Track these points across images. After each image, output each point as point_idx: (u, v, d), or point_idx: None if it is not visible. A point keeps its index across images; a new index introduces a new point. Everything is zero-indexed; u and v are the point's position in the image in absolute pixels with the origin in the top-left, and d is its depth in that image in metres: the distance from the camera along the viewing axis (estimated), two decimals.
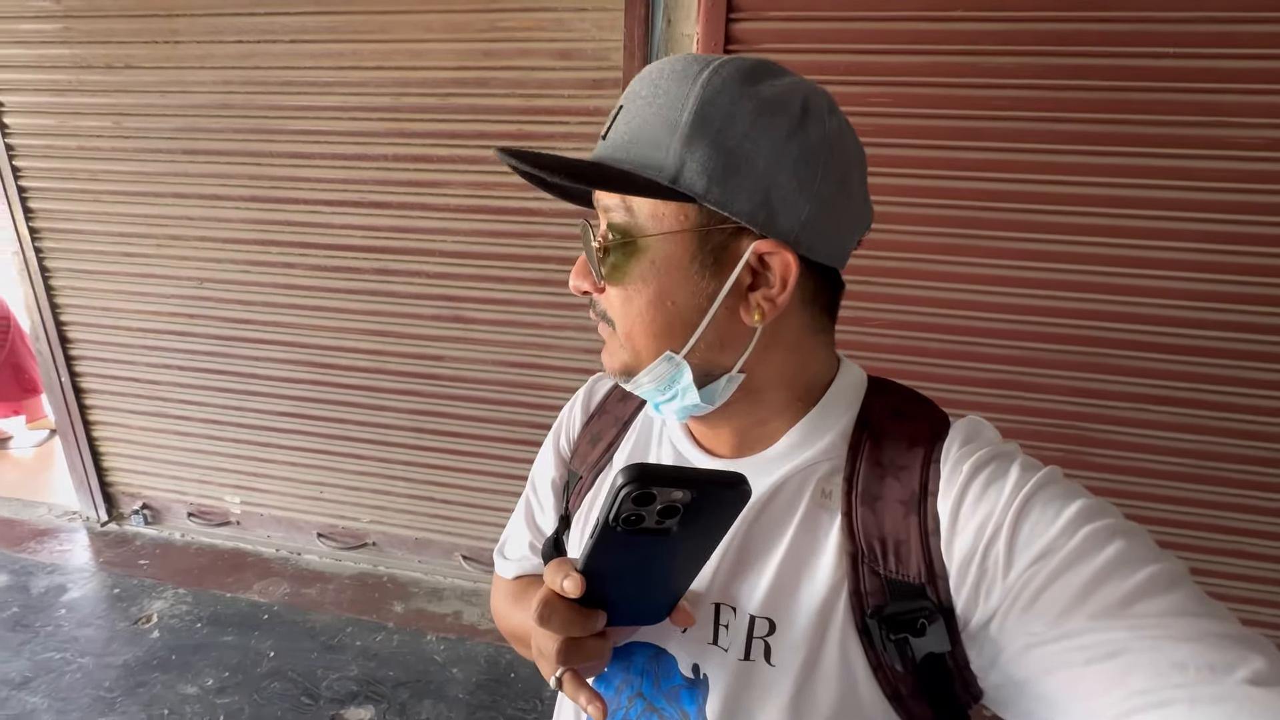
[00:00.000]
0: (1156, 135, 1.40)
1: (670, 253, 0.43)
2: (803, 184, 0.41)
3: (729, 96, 0.40)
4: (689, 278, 0.43)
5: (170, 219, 2.08)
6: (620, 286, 0.45)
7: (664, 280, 0.43)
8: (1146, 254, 1.47)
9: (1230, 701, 0.30)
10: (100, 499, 2.49)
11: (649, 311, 0.44)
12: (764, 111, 0.41)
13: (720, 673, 0.46)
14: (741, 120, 0.40)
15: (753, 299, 0.43)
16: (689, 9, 1.57)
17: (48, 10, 1.94)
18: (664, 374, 0.46)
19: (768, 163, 0.40)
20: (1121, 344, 1.54)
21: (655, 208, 0.42)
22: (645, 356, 0.46)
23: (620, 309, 0.45)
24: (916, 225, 1.55)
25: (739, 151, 0.40)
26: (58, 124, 2.06)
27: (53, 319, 2.29)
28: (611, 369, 0.49)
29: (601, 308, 0.47)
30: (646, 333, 0.45)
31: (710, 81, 0.41)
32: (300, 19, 1.78)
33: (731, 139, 0.40)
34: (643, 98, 0.42)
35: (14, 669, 1.82)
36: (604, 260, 0.44)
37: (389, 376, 2.08)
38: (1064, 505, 0.39)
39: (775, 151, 0.40)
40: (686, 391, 0.45)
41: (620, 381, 0.49)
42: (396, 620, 2.05)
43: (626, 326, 0.45)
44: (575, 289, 0.48)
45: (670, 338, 0.44)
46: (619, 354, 0.48)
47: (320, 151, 1.89)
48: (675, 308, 0.44)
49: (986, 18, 1.39)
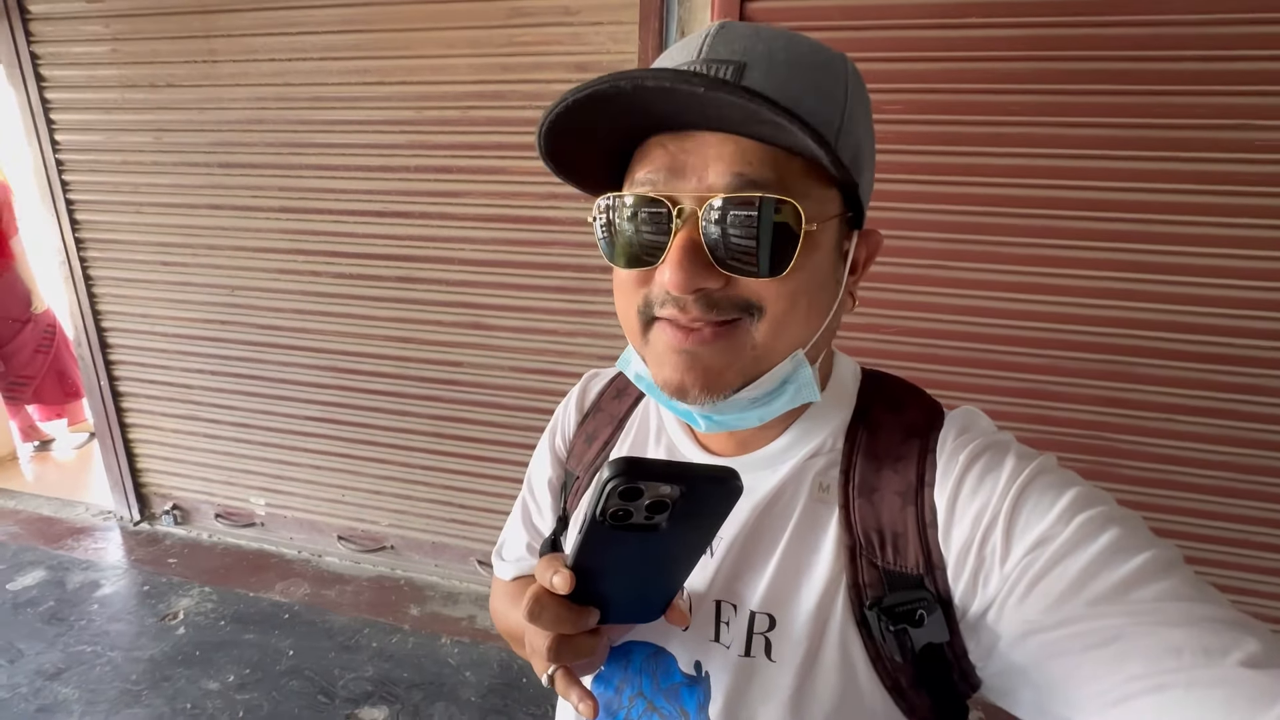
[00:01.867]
0: (1181, 139, 1.37)
1: (826, 240, 0.40)
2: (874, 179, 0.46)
3: (863, 92, 0.42)
4: (834, 267, 0.42)
5: (206, 229, 2.17)
6: (782, 278, 0.39)
7: (821, 270, 0.41)
8: (1174, 260, 1.43)
9: (1226, 684, 0.30)
10: (134, 499, 2.58)
11: (807, 304, 0.40)
12: (869, 111, 0.44)
13: (722, 670, 0.46)
14: (868, 116, 0.43)
15: (849, 285, 0.45)
16: (703, 22, 1.59)
17: (97, 34, 2.06)
18: (781, 375, 0.42)
19: (872, 158, 0.44)
20: (1150, 352, 1.49)
21: (816, 189, 0.39)
22: (781, 354, 0.41)
23: (781, 300, 0.39)
24: (936, 232, 1.53)
25: (869, 144, 0.43)
26: (104, 140, 2.17)
27: (94, 326, 2.39)
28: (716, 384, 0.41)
29: (735, 299, 0.39)
30: (798, 327, 0.41)
31: (852, 71, 0.41)
32: (328, 38, 1.86)
33: (869, 132, 0.43)
34: (784, 64, 0.37)
35: (48, 660, 1.88)
36: (769, 249, 0.37)
37: (410, 382, 2.12)
38: (1059, 493, 0.39)
39: (873, 149, 0.45)
40: (803, 389, 0.43)
41: (712, 397, 0.41)
42: (412, 623, 2.07)
43: (782, 319, 0.40)
44: (686, 286, 0.38)
45: (809, 332, 0.42)
46: (744, 359, 0.41)
47: (346, 164, 1.96)
48: (823, 299, 0.42)
49: (1001, 23, 1.38)
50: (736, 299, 0.39)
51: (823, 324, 0.43)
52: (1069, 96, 1.39)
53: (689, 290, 0.38)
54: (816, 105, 0.37)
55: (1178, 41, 1.33)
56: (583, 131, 0.41)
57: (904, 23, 1.44)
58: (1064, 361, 1.54)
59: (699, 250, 0.38)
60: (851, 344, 1.63)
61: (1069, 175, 1.43)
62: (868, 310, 1.62)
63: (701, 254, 0.38)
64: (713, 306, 0.39)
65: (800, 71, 0.37)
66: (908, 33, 1.44)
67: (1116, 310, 1.48)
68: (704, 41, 0.39)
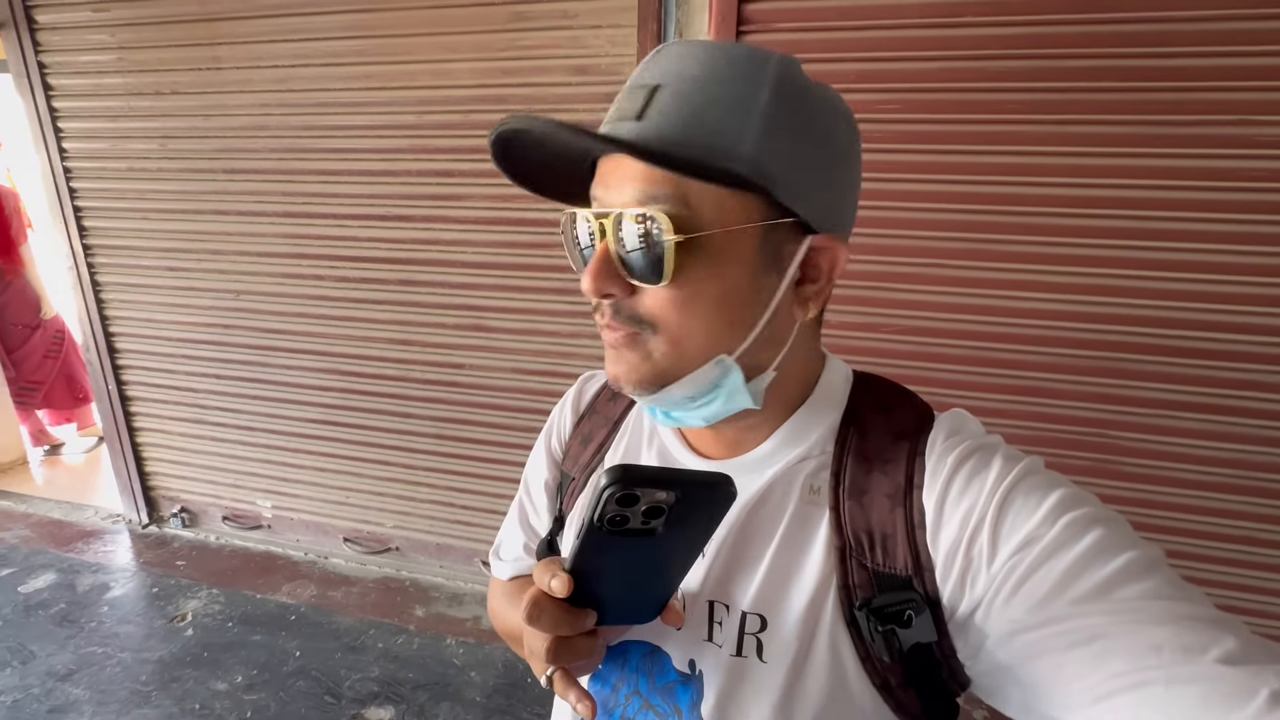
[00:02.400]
0: (1177, 135, 1.37)
1: (737, 248, 0.40)
2: (849, 184, 0.44)
3: (801, 94, 0.40)
4: (754, 275, 0.41)
5: (211, 235, 2.19)
6: (675, 287, 0.40)
7: (730, 278, 0.41)
8: (1171, 256, 1.44)
9: (1204, 681, 0.31)
10: (142, 502, 2.61)
11: (712, 312, 0.41)
12: (821, 111, 0.41)
13: (714, 669, 0.47)
14: (816, 119, 0.41)
15: (802, 294, 0.44)
16: (701, 23, 1.60)
17: (104, 43, 2.08)
18: (707, 379, 0.43)
19: (830, 161, 0.42)
20: (1148, 349, 1.49)
21: (720, 199, 0.39)
22: (693, 361, 0.43)
23: (673, 311, 0.41)
24: (933, 230, 1.54)
25: (813, 148, 0.41)
26: (110, 147, 2.20)
27: (103, 331, 2.42)
28: (634, 380, 0.44)
29: (632, 312, 0.42)
30: (705, 335, 0.42)
31: (781, 74, 0.39)
32: (331, 43, 1.88)
33: (807, 135, 0.40)
34: (695, 80, 0.39)
35: (59, 662, 1.91)
36: (650, 258, 0.40)
37: (413, 385, 2.13)
38: (1045, 495, 0.39)
39: (835, 152, 0.42)
40: (734, 394, 0.44)
41: (638, 393, 0.44)
42: (417, 624, 2.09)
43: (678, 330, 0.42)
44: (594, 292, 0.42)
45: (727, 340, 0.42)
46: (651, 363, 0.43)
47: (349, 168, 1.98)
48: (739, 307, 0.42)
49: (996, 22, 1.39)
50: (630, 312, 0.42)
51: (750, 332, 0.42)
52: (1065, 94, 1.40)
53: (596, 294, 0.42)
54: (720, 116, 0.38)
55: (1174, 38, 1.33)
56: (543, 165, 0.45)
57: (900, 22, 1.44)
58: (1062, 359, 1.55)
59: (608, 259, 0.41)
60: (850, 343, 1.64)
61: (1065, 172, 1.44)
62: (866, 309, 1.62)
63: (610, 263, 0.41)
64: (617, 313, 0.43)
65: (707, 86, 0.38)
66: (904, 32, 1.45)
67: (1115, 307, 1.49)
68: (643, 63, 0.42)
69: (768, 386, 0.46)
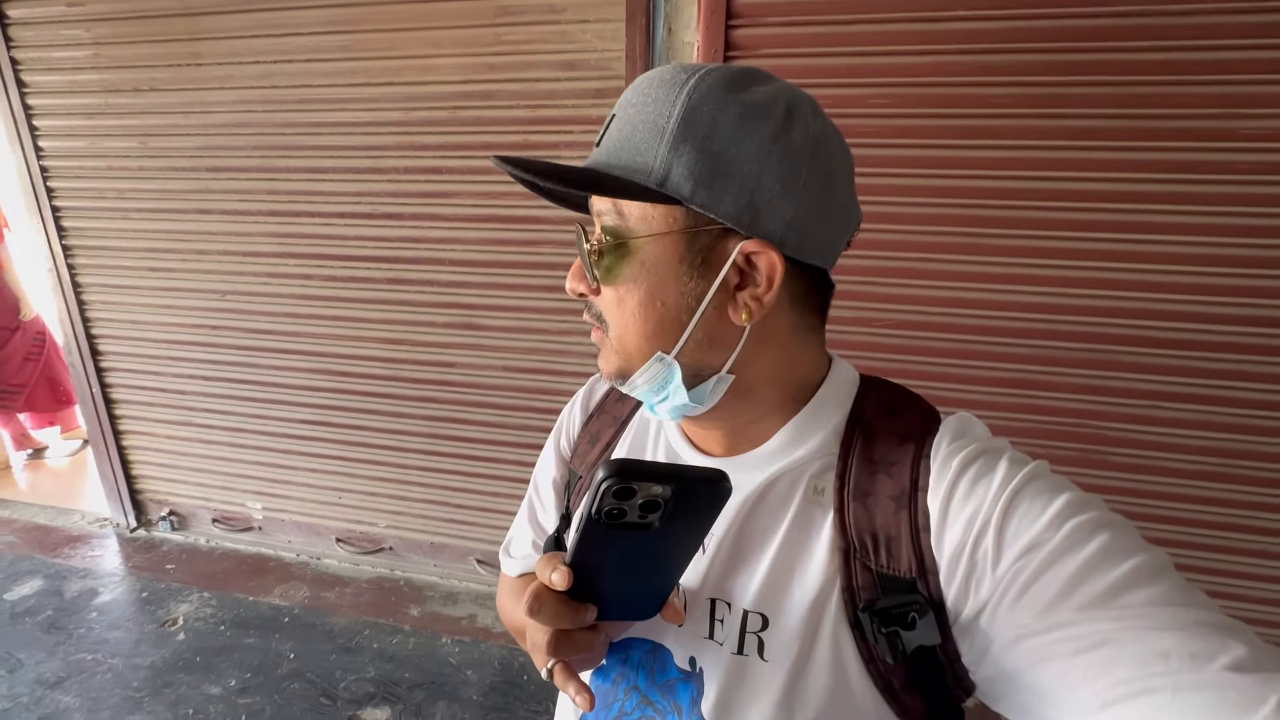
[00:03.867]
0: (1165, 129, 1.38)
1: (659, 254, 0.44)
2: (787, 185, 0.42)
3: (714, 102, 0.41)
4: (678, 278, 0.44)
5: (194, 234, 2.15)
6: (613, 288, 0.45)
7: (653, 281, 0.44)
8: (1156, 249, 1.45)
9: (1211, 688, 0.31)
10: (129, 506, 2.57)
11: (640, 312, 0.45)
12: (748, 116, 0.41)
13: (715, 667, 0.47)
14: (726, 124, 0.41)
15: (740, 298, 0.44)
16: (689, 17, 1.59)
17: (78, 38, 2.03)
18: (656, 375, 0.46)
19: (752, 165, 0.41)
20: (1135, 340, 1.51)
21: (644, 211, 0.43)
22: (637, 358, 0.46)
23: (613, 310, 0.46)
24: (922, 225, 1.54)
25: (723, 155, 0.41)
26: (88, 146, 2.15)
27: (84, 333, 2.38)
28: (606, 372, 0.50)
29: (596, 310, 0.48)
30: (638, 333, 0.45)
31: (696, 88, 0.41)
32: (314, 39, 1.84)
33: (716, 143, 0.41)
34: (633, 105, 0.44)
35: (48, 669, 1.88)
36: (598, 263, 0.45)
37: (404, 384, 2.12)
38: (1051, 499, 0.39)
39: (759, 154, 0.41)
40: (676, 392, 0.46)
41: (615, 384, 0.50)
42: (412, 623, 2.08)
43: (619, 328, 0.46)
44: (571, 291, 0.49)
45: (661, 338, 0.45)
46: (612, 357, 0.48)
47: (334, 166, 1.95)
48: (665, 308, 0.44)
49: (986, 15, 1.39)
50: (595, 310, 0.49)
51: (682, 332, 0.45)
52: (1055, 88, 1.40)
53: (571, 292, 0.49)
54: (642, 138, 0.43)
55: (1162, 31, 1.34)
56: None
57: (890, 16, 1.44)
58: (1050, 351, 1.56)
59: (579, 263, 0.48)
60: (841, 338, 1.65)
61: (1052, 166, 1.45)
62: (857, 304, 1.63)
63: (581, 267, 0.48)
64: (589, 310, 0.50)
65: (637, 110, 0.43)
66: (894, 26, 1.44)
67: (1101, 300, 1.50)
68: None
69: (738, 390, 0.47)
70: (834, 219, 0.45)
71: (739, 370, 0.46)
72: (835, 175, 0.44)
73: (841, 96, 1.48)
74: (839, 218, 0.46)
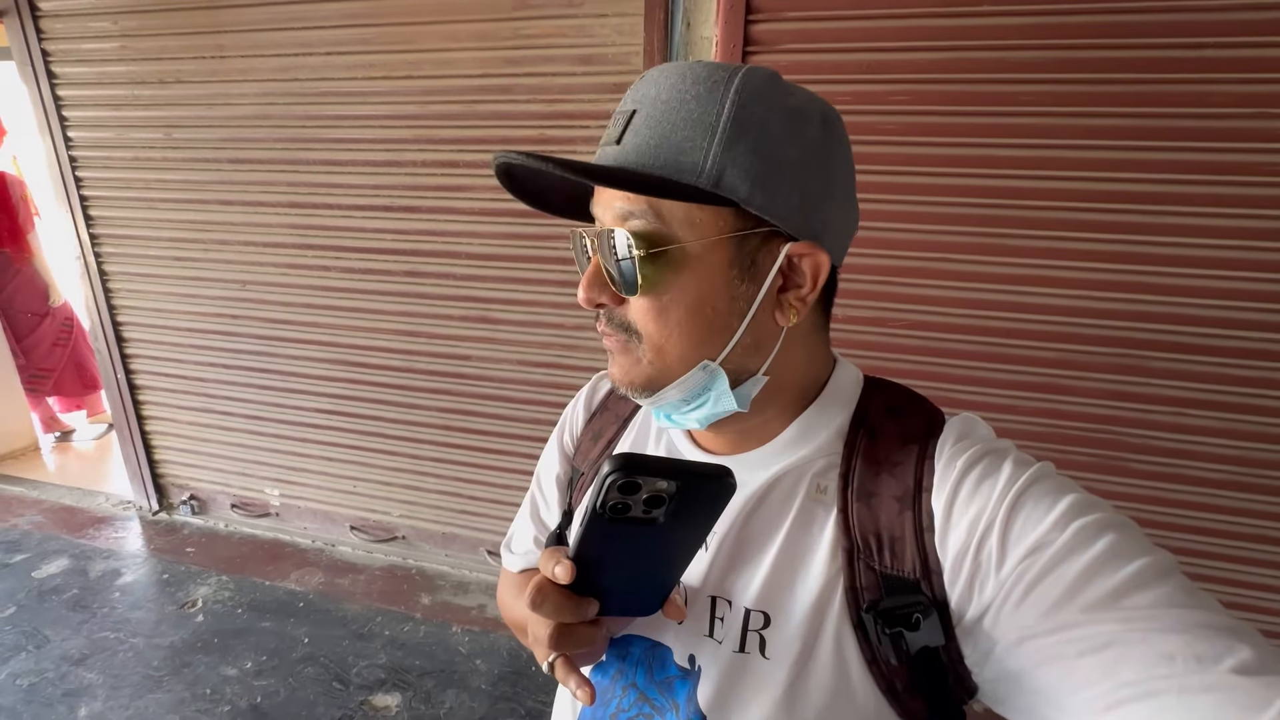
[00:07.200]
0: (1194, 129, 1.34)
1: (709, 259, 0.42)
2: (826, 188, 0.43)
3: (764, 104, 0.41)
4: (729, 283, 0.43)
5: (216, 224, 2.19)
6: (652, 297, 0.43)
7: (703, 287, 0.43)
8: (1184, 251, 1.42)
9: (1217, 691, 0.30)
10: (152, 490, 2.64)
11: (688, 320, 0.43)
12: (794, 119, 0.42)
13: (713, 664, 0.47)
14: (775, 126, 0.41)
15: (784, 300, 0.44)
16: (708, 12, 1.58)
17: (106, 31, 2.07)
18: (696, 383, 0.45)
19: (799, 168, 0.42)
20: (1158, 345, 1.48)
21: (690, 213, 0.41)
22: (677, 368, 0.45)
23: (650, 320, 0.44)
24: (942, 224, 1.52)
25: (775, 156, 0.41)
26: (115, 136, 2.19)
27: (110, 319, 2.43)
28: (628, 383, 0.47)
29: (622, 320, 0.46)
30: (683, 342, 0.44)
31: (743, 87, 0.41)
32: (335, 32, 1.86)
33: (769, 145, 0.41)
34: (664, 102, 0.41)
35: (73, 646, 1.94)
36: (635, 270, 0.42)
37: (419, 375, 2.14)
38: (1056, 500, 0.39)
39: (806, 157, 0.42)
40: (720, 398, 0.45)
41: (637, 395, 0.47)
42: (424, 612, 2.11)
43: (658, 338, 0.44)
44: (588, 302, 0.46)
45: (709, 345, 0.44)
46: (641, 368, 0.46)
47: (353, 159, 1.97)
48: (715, 314, 0.43)
49: (1008, 11, 1.36)
50: (620, 320, 0.46)
51: (730, 338, 0.44)
52: (1079, 86, 1.37)
53: (588, 304, 0.46)
54: (685, 135, 0.40)
55: (1190, 28, 1.30)
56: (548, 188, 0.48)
57: (911, 11, 1.41)
58: (1073, 355, 1.53)
59: (599, 272, 0.45)
60: (858, 338, 1.63)
61: (1075, 166, 1.42)
62: (875, 303, 1.61)
63: (600, 275, 0.45)
64: (610, 321, 0.46)
65: (674, 108, 0.41)
66: (915, 21, 1.42)
67: (1127, 304, 1.47)
68: (628, 90, 0.45)
69: (761, 390, 0.47)
70: (853, 220, 0.48)
71: (772, 371, 0.47)
72: (852, 179, 0.47)
73: (861, 93, 1.46)
74: (854, 219, 0.48)
